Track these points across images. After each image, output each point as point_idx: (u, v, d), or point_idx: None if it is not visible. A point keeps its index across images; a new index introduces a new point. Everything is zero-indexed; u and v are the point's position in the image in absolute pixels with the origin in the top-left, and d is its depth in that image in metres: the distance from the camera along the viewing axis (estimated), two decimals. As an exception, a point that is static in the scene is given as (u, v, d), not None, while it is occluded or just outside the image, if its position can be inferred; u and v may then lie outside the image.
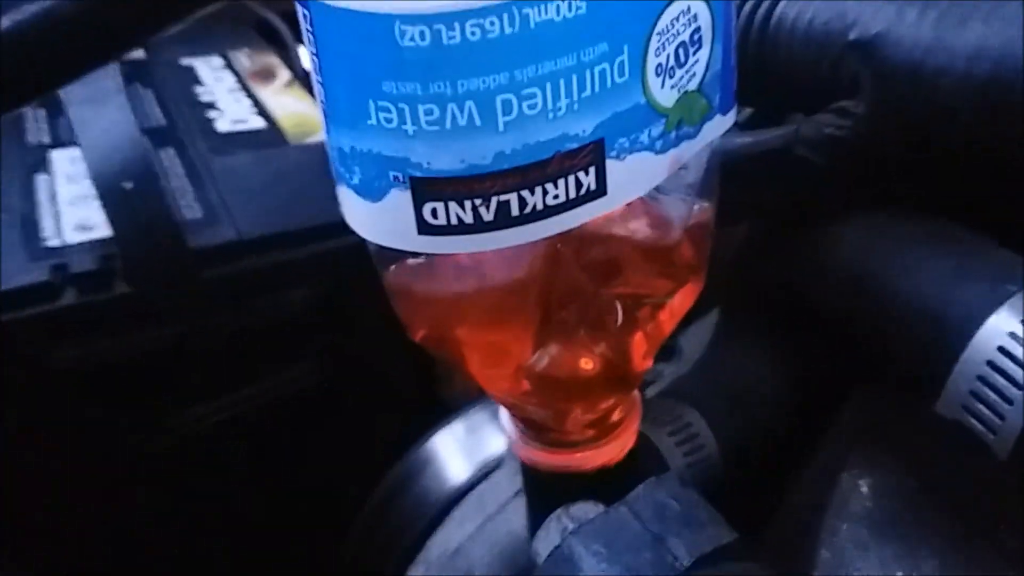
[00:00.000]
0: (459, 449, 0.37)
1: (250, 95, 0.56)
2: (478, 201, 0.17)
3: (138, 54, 0.59)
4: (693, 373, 0.31)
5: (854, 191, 0.24)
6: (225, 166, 0.48)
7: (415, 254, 0.21)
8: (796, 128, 0.23)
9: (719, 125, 0.21)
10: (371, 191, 0.18)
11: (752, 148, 0.24)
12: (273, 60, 0.61)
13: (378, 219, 0.18)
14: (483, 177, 0.17)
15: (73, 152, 0.47)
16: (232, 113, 0.53)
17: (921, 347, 0.22)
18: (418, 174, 0.17)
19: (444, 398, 0.47)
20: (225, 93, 0.56)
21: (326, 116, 0.18)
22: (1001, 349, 0.20)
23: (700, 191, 0.22)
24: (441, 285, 0.21)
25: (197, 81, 0.57)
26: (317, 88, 0.18)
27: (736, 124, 0.29)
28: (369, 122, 0.17)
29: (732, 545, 0.17)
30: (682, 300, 0.24)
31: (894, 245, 0.24)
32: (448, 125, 0.16)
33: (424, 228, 0.18)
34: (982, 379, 0.20)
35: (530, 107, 0.16)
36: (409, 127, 0.16)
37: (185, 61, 0.60)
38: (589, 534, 0.18)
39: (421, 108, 0.16)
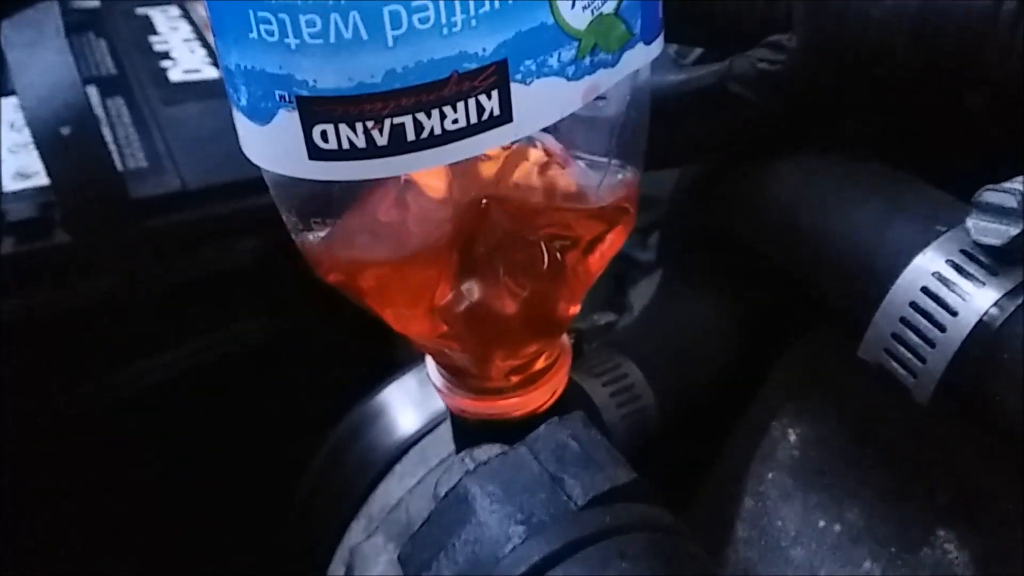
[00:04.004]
0: (408, 402, 0.37)
1: (206, 45, 0.54)
2: (370, 123, 0.16)
3: (93, 3, 0.57)
4: (633, 325, 0.30)
5: (789, 131, 0.24)
6: (174, 116, 0.46)
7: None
8: (728, 64, 0.22)
9: (642, 55, 0.20)
10: (259, 113, 0.17)
11: (684, 86, 0.23)
12: (232, 10, 0.59)
13: (268, 143, 0.17)
14: (374, 97, 0.16)
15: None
16: (186, 63, 0.52)
17: (850, 288, 0.21)
18: (304, 93, 0.16)
19: (400, 356, 0.46)
20: (180, 43, 0.54)
21: (213, 32, 0.17)
22: (925, 290, 0.19)
23: (627, 146, 0.21)
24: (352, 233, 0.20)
25: (152, 31, 0.56)
26: (205, 3, 0.17)
27: (680, 65, 0.27)
28: (251, 35, 0.16)
29: (629, 486, 0.17)
30: (612, 241, 0.23)
31: (829, 187, 0.23)
32: (333, 38, 0.15)
33: (315, 153, 0.17)
34: (904, 321, 0.19)
35: (421, 20, 0.15)
36: (292, 40, 0.15)
37: (141, 10, 0.58)
38: (485, 475, 0.17)
39: (303, 19, 0.15)
